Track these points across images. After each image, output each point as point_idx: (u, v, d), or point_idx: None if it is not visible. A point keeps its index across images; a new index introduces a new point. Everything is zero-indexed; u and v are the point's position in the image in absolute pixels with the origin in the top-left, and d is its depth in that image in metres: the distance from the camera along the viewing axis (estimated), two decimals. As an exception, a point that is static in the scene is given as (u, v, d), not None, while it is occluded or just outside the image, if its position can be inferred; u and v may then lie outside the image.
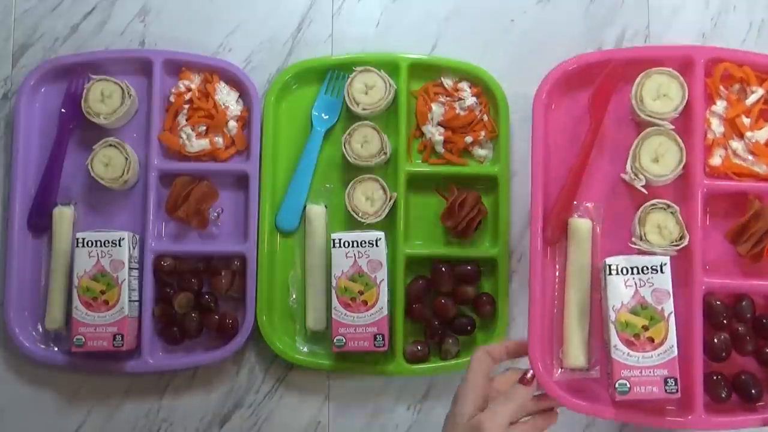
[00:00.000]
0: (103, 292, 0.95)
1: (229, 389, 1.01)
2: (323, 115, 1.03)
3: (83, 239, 0.95)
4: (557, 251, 0.88)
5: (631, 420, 0.84)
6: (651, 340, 0.79)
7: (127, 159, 0.99)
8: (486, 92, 1.01)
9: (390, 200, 0.98)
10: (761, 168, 0.86)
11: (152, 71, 1.01)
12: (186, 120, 1.01)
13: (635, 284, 0.80)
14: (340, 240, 0.95)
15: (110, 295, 0.95)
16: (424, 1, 1.06)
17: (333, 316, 0.95)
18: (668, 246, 0.83)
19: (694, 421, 0.81)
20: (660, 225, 0.84)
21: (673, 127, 0.86)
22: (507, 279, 0.98)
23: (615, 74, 0.89)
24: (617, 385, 0.79)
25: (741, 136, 0.88)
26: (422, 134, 1.01)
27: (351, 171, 1.00)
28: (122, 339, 0.94)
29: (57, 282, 0.98)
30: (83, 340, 0.94)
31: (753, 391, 0.83)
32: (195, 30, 1.05)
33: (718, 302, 0.84)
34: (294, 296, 1.00)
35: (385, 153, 0.99)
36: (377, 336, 0.94)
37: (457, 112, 0.99)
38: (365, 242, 0.95)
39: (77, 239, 0.95)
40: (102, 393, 1.01)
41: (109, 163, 0.99)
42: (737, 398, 0.84)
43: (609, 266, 0.80)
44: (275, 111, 1.02)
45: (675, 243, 0.83)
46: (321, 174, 1.02)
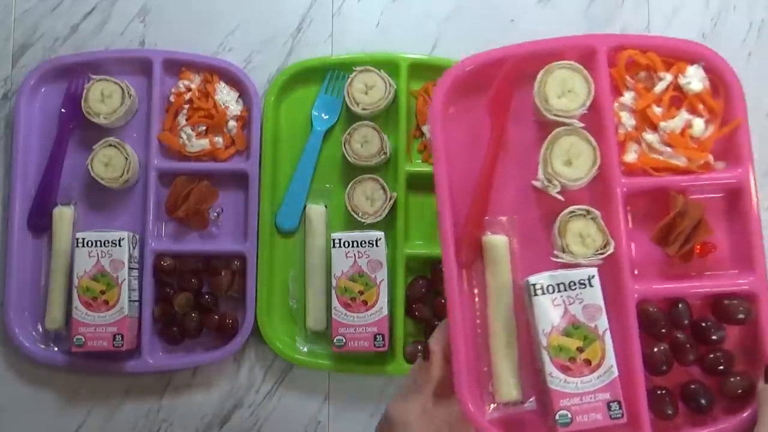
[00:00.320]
0: (103, 292, 0.95)
1: (229, 389, 1.01)
2: (323, 115, 1.03)
3: (83, 239, 0.95)
4: (473, 274, 0.78)
5: None
6: (588, 363, 0.72)
7: (127, 159, 0.99)
8: (486, 92, 1.01)
9: (390, 200, 0.98)
10: (680, 160, 0.79)
11: (152, 71, 1.01)
12: (186, 120, 1.01)
13: (563, 302, 0.72)
14: (340, 240, 0.95)
15: (110, 295, 0.95)
16: (424, 1, 1.06)
17: (333, 316, 0.95)
18: (593, 255, 0.76)
19: None
20: (582, 233, 0.77)
21: (583, 125, 0.77)
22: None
23: (513, 73, 0.80)
24: (558, 417, 0.71)
25: (654, 128, 0.80)
26: (422, 134, 1.01)
27: (351, 171, 1.00)
28: (122, 339, 0.94)
29: (57, 282, 0.98)
30: (83, 340, 0.94)
31: (702, 401, 0.76)
32: (195, 30, 1.06)
33: (654, 309, 0.77)
34: (294, 296, 1.01)
35: (385, 153, 0.99)
36: (377, 336, 0.94)
37: (457, 112, 1.00)
38: (365, 242, 0.95)
39: (77, 239, 0.95)
40: (102, 393, 1.01)
41: (109, 163, 0.99)
42: (686, 410, 0.76)
43: (533, 286, 0.72)
44: (275, 111, 1.02)
45: (600, 251, 0.76)
46: (321, 174, 1.02)
